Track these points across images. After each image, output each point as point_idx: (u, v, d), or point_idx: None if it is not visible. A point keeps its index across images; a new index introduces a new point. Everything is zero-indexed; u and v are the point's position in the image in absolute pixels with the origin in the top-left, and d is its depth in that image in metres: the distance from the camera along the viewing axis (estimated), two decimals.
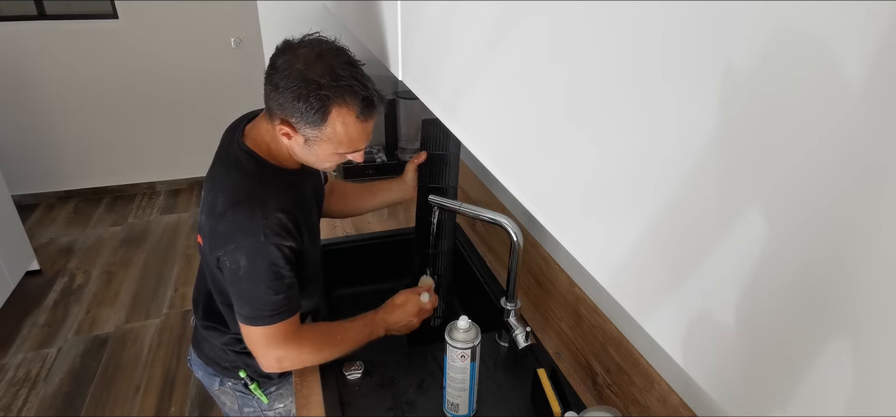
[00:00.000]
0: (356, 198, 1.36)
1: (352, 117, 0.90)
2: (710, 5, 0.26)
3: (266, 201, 0.92)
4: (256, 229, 0.90)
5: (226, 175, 0.97)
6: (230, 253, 0.91)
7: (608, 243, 0.37)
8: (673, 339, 0.33)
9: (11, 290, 2.58)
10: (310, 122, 0.88)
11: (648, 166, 0.32)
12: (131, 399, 2.14)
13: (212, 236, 0.94)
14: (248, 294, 0.93)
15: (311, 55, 0.87)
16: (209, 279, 1.06)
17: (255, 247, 0.90)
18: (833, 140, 0.21)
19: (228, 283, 0.95)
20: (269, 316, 0.94)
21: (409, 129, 2.10)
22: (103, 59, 3.31)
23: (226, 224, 0.91)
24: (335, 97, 0.87)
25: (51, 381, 2.20)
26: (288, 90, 0.86)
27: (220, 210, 0.92)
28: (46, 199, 3.56)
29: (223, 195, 0.93)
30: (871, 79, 0.20)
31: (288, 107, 0.88)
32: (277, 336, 0.96)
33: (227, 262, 0.92)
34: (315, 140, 0.91)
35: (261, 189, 0.94)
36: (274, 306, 0.94)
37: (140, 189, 3.73)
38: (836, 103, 0.21)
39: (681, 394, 0.84)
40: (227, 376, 1.15)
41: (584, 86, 0.36)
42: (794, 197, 0.24)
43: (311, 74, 0.86)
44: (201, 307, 1.13)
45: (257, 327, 0.95)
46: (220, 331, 1.11)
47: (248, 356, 1.10)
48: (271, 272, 0.92)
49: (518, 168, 0.48)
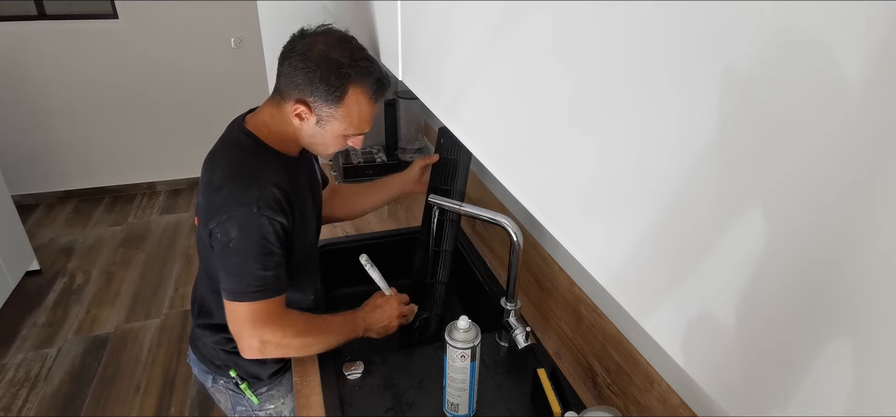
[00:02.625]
0: (359, 198, 1.38)
1: (365, 98, 0.95)
2: (712, 6, 0.26)
3: (261, 174, 0.95)
4: (250, 199, 0.92)
5: (224, 152, 1.00)
6: (222, 224, 0.92)
7: (609, 243, 0.38)
8: (673, 339, 0.33)
9: (11, 290, 2.58)
10: (328, 100, 0.93)
11: (649, 167, 0.32)
12: (131, 399, 2.14)
13: (206, 208, 0.96)
14: (235, 267, 0.94)
15: (331, 39, 0.94)
16: (203, 271, 1.06)
17: (248, 217, 0.92)
18: (833, 142, 0.22)
19: (218, 257, 0.96)
20: (254, 291, 0.95)
21: (409, 129, 2.10)
22: (103, 59, 3.31)
23: (221, 195, 0.93)
24: (354, 76, 0.93)
25: (51, 381, 2.20)
26: (309, 70, 0.91)
27: (217, 183, 0.94)
28: (46, 199, 3.56)
29: (220, 169, 0.96)
30: (872, 81, 0.20)
31: (307, 85, 0.92)
32: (262, 315, 0.96)
33: (218, 233, 0.93)
34: (328, 119, 0.95)
35: (258, 165, 0.97)
36: (261, 281, 0.94)
37: (140, 189, 3.73)
38: (837, 105, 0.21)
39: (681, 394, 0.84)
40: (220, 374, 1.16)
41: (586, 86, 0.36)
42: (794, 198, 0.24)
43: (333, 53, 0.92)
44: (197, 305, 1.15)
45: (242, 303, 0.95)
46: (212, 329, 1.12)
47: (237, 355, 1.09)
48: (261, 245, 0.93)
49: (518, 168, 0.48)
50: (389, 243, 1.61)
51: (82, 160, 3.54)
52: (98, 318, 2.54)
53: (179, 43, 3.41)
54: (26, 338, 2.41)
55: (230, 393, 1.19)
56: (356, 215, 1.42)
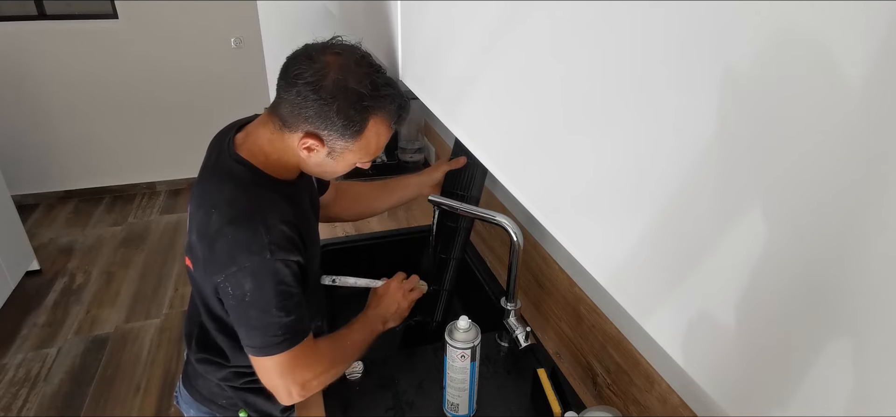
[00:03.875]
0: (371, 198, 1.28)
1: (385, 127, 0.87)
2: (711, 6, 0.26)
3: (267, 215, 0.83)
4: (261, 246, 0.80)
5: (218, 188, 0.86)
6: (232, 277, 0.81)
7: (608, 243, 0.37)
8: (673, 339, 0.33)
9: (11, 290, 2.58)
10: (345, 135, 0.83)
11: (648, 167, 0.32)
12: (131, 399, 2.14)
13: (208, 259, 0.83)
14: (257, 322, 0.83)
15: (346, 63, 0.81)
16: (202, 308, 0.95)
17: (261, 266, 0.81)
18: (832, 141, 0.22)
19: (233, 311, 0.85)
20: (281, 341, 0.84)
21: (410, 129, 2.10)
22: (103, 59, 3.31)
23: (225, 244, 0.81)
24: (375, 108, 0.83)
25: (51, 381, 2.20)
26: (323, 102, 0.79)
27: (216, 228, 0.81)
28: (46, 199, 3.56)
29: (217, 211, 0.82)
30: (870, 80, 0.20)
31: (321, 119, 0.81)
32: (295, 361, 0.87)
33: (229, 288, 0.82)
34: (342, 152, 0.86)
35: (260, 202, 0.84)
36: (286, 329, 0.84)
37: (140, 189, 3.73)
38: (836, 104, 0.21)
39: (681, 394, 0.84)
40: (225, 414, 1.04)
41: (585, 86, 0.36)
42: (793, 198, 0.24)
43: (351, 83, 0.80)
44: (195, 339, 1.00)
45: (272, 356, 0.85)
46: (219, 365, 1.00)
47: (248, 392, 1.02)
48: (280, 291, 0.82)
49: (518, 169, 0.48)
50: (390, 243, 1.61)
51: (82, 160, 3.54)
52: (98, 318, 2.54)
53: (179, 43, 3.41)
54: (26, 338, 2.41)
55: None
56: (367, 216, 1.32)
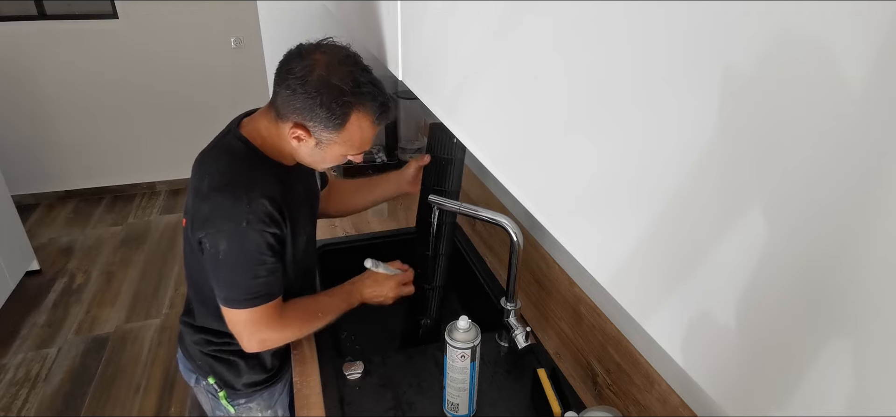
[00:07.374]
0: (354, 195, 1.35)
1: (368, 122, 0.93)
2: (711, 6, 0.26)
3: (252, 187, 0.91)
4: (239, 214, 0.89)
5: (215, 157, 0.96)
6: (210, 236, 0.91)
7: (608, 243, 0.37)
8: (673, 339, 0.33)
9: (11, 290, 2.58)
10: (328, 126, 0.90)
11: (649, 166, 0.32)
12: (131, 399, 2.14)
13: (194, 216, 0.93)
14: (227, 278, 0.93)
15: (331, 61, 0.89)
16: (187, 263, 1.06)
17: (236, 232, 0.90)
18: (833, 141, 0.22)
19: (208, 265, 0.94)
20: (247, 299, 0.94)
21: (409, 129, 2.10)
22: (103, 59, 3.31)
23: (209, 206, 0.91)
24: (356, 103, 0.89)
25: (51, 381, 2.20)
26: (308, 95, 0.87)
27: (205, 192, 0.92)
28: (46, 199, 3.56)
29: (209, 177, 0.93)
30: (872, 80, 0.20)
31: (306, 111, 0.89)
32: (260, 319, 0.96)
33: (207, 244, 0.92)
34: (328, 143, 0.93)
35: (249, 175, 0.93)
36: (253, 290, 0.94)
37: (140, 189, 3.73)
38: (836, 104, 0.21)
39: (681, 394, 0.84)
40: (201, 375, 1.15)
41: (586, 86, 0.36)
42: (793, 198, 0.24)
43: (334, 79, 0.87)
44: (186, 301, 1.15)
45: (238, 309, 0.95)
46: (193, 328, 1.12)
47: (214, 360, 1.11)
48: (252, 257, 0.92)
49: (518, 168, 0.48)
50: (390, 243, 1.61)
51: (82, 160, 3.54)
52: (98, 318, 2.54)
53: (179, 43, 3.41)
54: (26, 338, 2.41)
55: (209, 397, 1.18)
56: (352, 211, 1.39)
